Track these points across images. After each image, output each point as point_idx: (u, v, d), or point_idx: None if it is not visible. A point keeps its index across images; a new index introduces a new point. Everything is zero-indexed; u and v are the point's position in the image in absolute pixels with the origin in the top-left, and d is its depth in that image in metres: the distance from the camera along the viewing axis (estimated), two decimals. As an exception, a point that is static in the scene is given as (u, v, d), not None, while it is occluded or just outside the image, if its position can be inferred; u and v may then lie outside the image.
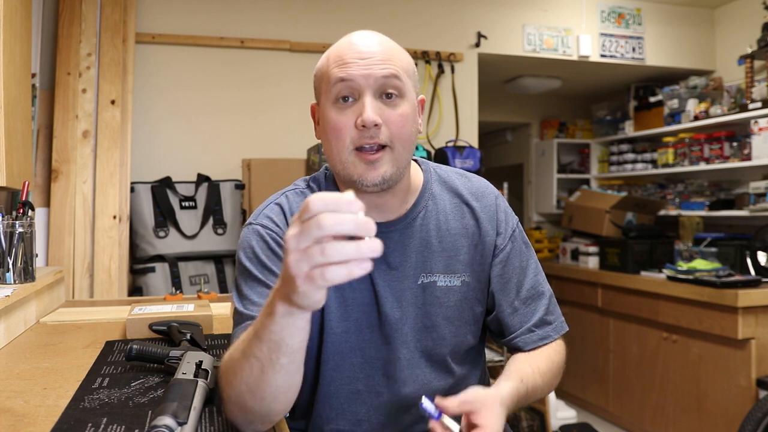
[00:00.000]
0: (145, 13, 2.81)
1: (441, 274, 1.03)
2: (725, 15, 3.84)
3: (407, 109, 0.95)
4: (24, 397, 0.97)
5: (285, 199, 1.04)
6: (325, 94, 0.96)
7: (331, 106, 0.94)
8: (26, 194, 1.60)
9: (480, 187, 1.10)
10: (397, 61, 0.94)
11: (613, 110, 4.49)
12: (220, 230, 2.62)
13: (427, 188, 1.06)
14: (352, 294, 1.01)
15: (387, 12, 3.21)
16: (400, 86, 0.94)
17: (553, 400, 3.04)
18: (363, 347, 1.01)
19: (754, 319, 2.65)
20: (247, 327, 0.91)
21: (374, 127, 0.91)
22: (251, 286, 0.96)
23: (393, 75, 0.93)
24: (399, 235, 1.02)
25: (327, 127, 0.95)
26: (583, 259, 3.80)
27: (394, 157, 0.94)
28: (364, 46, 0.94)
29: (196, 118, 2.89)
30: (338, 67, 0.93)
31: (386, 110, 0.93)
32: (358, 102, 0.93)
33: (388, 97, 0.93)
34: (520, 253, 1.08)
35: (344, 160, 0.94)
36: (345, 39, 0.97)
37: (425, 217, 1.04)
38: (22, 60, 1.85)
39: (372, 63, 0.92)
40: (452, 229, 1.04)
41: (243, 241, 1.00)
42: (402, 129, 0.94)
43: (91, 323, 1.60)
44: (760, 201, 3.18)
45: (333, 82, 0.93)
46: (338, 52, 0.95)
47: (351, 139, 0.93)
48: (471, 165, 2.96)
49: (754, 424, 2.39)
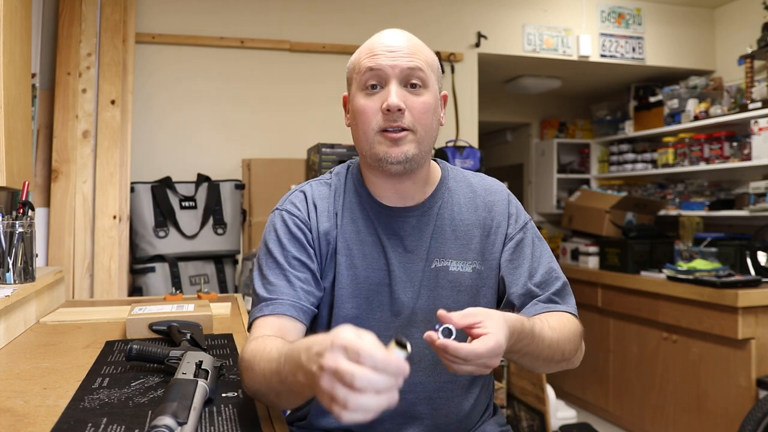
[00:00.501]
0: (145, 13, 2.81)
1: (453, 260, 1.08)
2: (725, 15, 3.84)
3: (429, 98, 1.03)
4: (24, 397, 0.97)
5: (309, 188, 1.11)
6: (355, 83, 1.05)
7: (360, 92, 1.03)
8: (26, 194, 1.60)
9: (494, 185, 1.17)
10: (422, 56, 1.03)
11: (613, 110, 4.49)
12: (220, 230, 2.62)
13: (444, 182, 1.13)
14: (365, 273, 1.06)
15: (387, 12, 3.21)
16: (424, 77, 1.02)
17: (553, 400, 3.04)
18: (372, 325, 1.05)
19: (754, 319, 2.65)
20: (262, 309, 0.99)
21: (398, 111, 0.99)
22: (270, 267, 1.04)
23: (418, 67, 1.01)
24: (416, 221, 1.09)
25: (355, 112, 1.04)
26: (583, 259, 3.80)
27: (416, 139, 1.02)
28: (392, 40, 1.03)
29: (196, 118, 2.89)
30: (368, 58, 1.02)
31: (410, 97, 1.01)
32: (385, 89, 1.01)
33: (412, 86, 1.02)
34: (533, 244, 1.12)
35: (370, 140, 1.02)
36: (376, 35, 1.06)
37: (441, 207, 1.11)
38: (22, 60, 1.85)
39: (399, 55, 1.01)
40: (466, 219, 1.11)
41: (268, 225, 1.09)
42: (423, 115, 1.02)
43: (91, 323, 1.60)
44: (760, 201, 3.18)
45: (363, 71, 1.02)
46: (369, 46, 1.05)
47: (377, 122, 1.01)
48: (471, 165, 2.96)
49: (754, 424, 2.39)
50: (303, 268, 1.03)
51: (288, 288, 1.01)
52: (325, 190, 1.11)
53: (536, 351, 0.95)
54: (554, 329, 0.98)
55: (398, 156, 1.00)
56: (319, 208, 1.08)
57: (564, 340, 1.00)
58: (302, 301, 1.01)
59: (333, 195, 1.10)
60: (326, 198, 1.10)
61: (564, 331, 1.01)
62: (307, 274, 1.03)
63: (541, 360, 0.98)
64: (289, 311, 0.99)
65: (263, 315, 0.99)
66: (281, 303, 0.99)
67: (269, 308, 0.99)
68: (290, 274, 1.02)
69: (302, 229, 1.06)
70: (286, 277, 1.02)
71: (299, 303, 1.00)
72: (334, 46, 3.06)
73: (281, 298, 0.99)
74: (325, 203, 1.09)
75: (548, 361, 0.99)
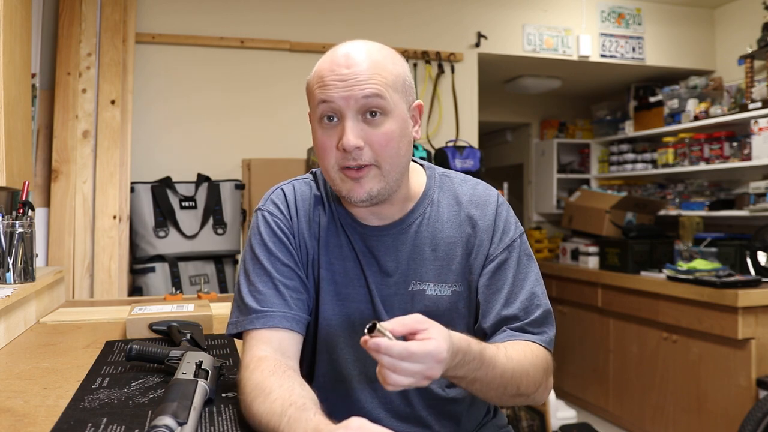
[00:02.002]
0: (145, 13, 2.81)
1: (431, 283, 1.02)
2: (725, 15, 3.84)
3: (392, 126, 0.93)
4: (24, 397, 0.97)
5: (291, 187, 1.07)
6: (313, 111, 0.97)
7: (317, 124, 0.96)
8: (26, 194, 1.60)
9: (483, 195, 1.06)
10: (381, 78, 0.92)
11: (613, 110, 4.49)
12: (220, 230, 2.62)
13: (427, 195, 1.05)
14: (346, 290, 1.03)
15: (387, 12, 3.21)
16: (383, 104, 0.92)
17: (553, 400, 3.04)
18: (355, 344, 1.02)
19: (754, 319, 2.65)
20: (254, 322, 0.95)
21: (356, 149, 0.91)
22: (258, 273, 1.00)
23: (375, 94, 0.91)
24: (392, 240, 1.02)
25: (315, 144, 0.98)
26: (583, 259, 3.80)
27: (381, 173, 0.94)
28: (344, 66, 0.92)
29: (196, 118, 2.89)
30: (319, 89, 0.93)
31: (369, 130, 0.92)
32: (341, 123, 0.93)
33: (372, 115, 0.92)
34: (517, 265, 1.02)
35: (333, 176, 0.96)
36: (329, 55, 0.96)
37: (421, 224, 1.03)
38: (22, 60, 1.85)
39: (351, 84, 0.91)
40: (448, 237, 1.03)
41: (252, 226, 1.05)
42: (386, 148, 0.93)
43: (91, 323, 1.60)
44: (760, 201, 3.18)
45: (316, 102, 0.94)
46: (320, 72, 0.94)
47: (336, 160, 0.94)
48: (471, 165, 2.96)
49: (754, 424, 2.39)
50: (291, 275, 1.00)
51: (278, 297, 0.97)
52: (307, 191, 1.06)
53: (485, 379, 0.87)
54: (511, 359, 0.90)
55: (361, 195, 0.94)
56: (300, 213, 1.04)
57: (521, 372, 0.91)
58: (294, 311, 0.97)
59: (314, 202, 1.05)
60: (307, 201, 1.05)
61: (523, 363, 0.92)
62: (296, 281, 1.00)
63: (492, 390, 0.90)
64: (282, 323, 0.95)
65: (255, 328, 0.95)
66: (273, 315, 0.95)
67: (261, 321, 0.95)
68: (279, 282, 0.98)
69: (285, 233, 1.02)
70: (275, 286, 0.98)
71: (291, 313, 0.97)
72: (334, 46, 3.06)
73: (273, 310, 0.96)
74: (307, 207, 1.05)
75: (501, 394, 0.91)
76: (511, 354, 0.91)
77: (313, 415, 0.76)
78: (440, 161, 2.93)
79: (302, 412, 0.77)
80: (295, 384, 0.85)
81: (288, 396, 0.81)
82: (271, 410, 0.80)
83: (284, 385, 0.83)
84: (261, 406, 0.81)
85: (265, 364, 0.89)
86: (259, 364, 0.89)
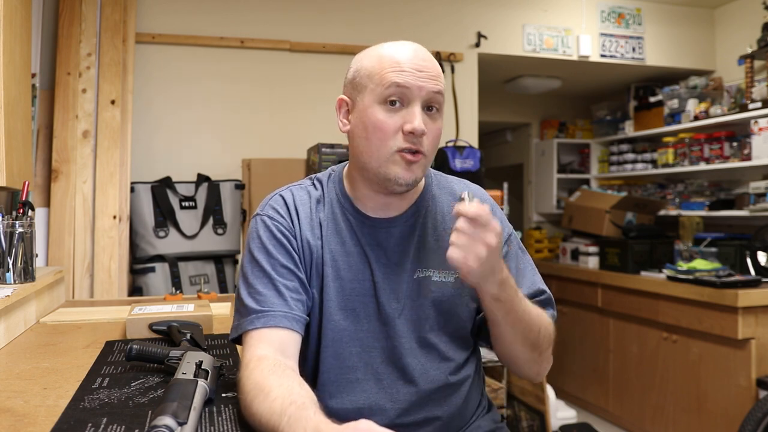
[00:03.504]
0: (145, 13, 2.81)
1: (436, 270, 1.07)
2: (725, 15, 3.84)
3: (441, 123, 1.03)
4: (24, 397, 0.97)
5: (290, 193, 1.09)
6: (371, 93, 1.00)
7: (378, 105, 0.99)
8: (26, 194, 1.60)
9: (477, 192, 1.15)
10: (442, 79, 1.02)
11: (613, 110, 4.49)
12: (220, 230, 2.62)
13: (428, 190, 1.12)
14: (351, 284, 1.05)
15: (387, 12, 3.21)
16: (441, 102, 1.02)
17: (553, 400, 3.04)
18: (361, 336, 1.05)
19: (754, 319, 2.65)
20: (253, 322, 0.96)
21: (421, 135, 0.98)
22: (257, 276, 1.01)
23: (440, 92, 1.00)
24: (399, 231, 1.07)
25: (369, 125, 1.00)
26: (583, 259, 3.80)
27: (426, 163, 1.02)
28: (420, 58, 1.00)
29: (196, 118, 2.89)
30: (395, 72, 0.98)
31: (429, 122, 1.00)
32: (406, 109, 0.99)
33: (429, 109, 1.00)
34: (516, 257, 1.12)
35: (384, 158, 0.99)
36: (397, 46, 1.02)
37: (425, 216, 1.09)
38: (22, 60, 1.85)
39: (426, 77, 0.98)
40: (449, 228, 1.07)
41: (251, 232, 1.07)
42: (436, 141, 1.02)
43: (91, 323, 1.60)
44: (760, 201, 3.18)
45: (386, 85, 0.98)
46: (394, 58, 0.99)
47: (395, 142, 0.99)
48: (471, 165, 2.95)
49: (754, 424, 2.39)
50: (291, 276, 1.01)
51: (278, 298, 0.99)
52: (305, 196, 1.09)
53: (516, 314, 0.98)
54: (534, 307, 1.03)
55: (408, 179, 1.00)
56: (301, 215, 1.06)
57: (540, 321, 1.03)
58: (294, 311, 0.99)
59: (315, 203, 1.08)
60: (307, 204, 1.07)
61: (542, 315, 1.04)
62: (296, 282, 1.01)
63: (518, 331, 1.01)
64: (282, 323, 0.96)
65: (255, 328, 0.96)
66: (273, 315, 0.97)
67: (261, 321, 0.96)
68: (279, 283, 1.00)
69: (286, 235, 1.04)
70: (275, 287, 0.99)
71: (291, 313, 0.98)
72: (334, 46, 3.06)
73: (273, 310, 0.97)
74: (307, 210, 1.07)
75: (524, 338, 1.01)
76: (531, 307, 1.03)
77: (313, 414, 0.77)
78: (440, 161, 2.93)
79: (302, 411, 0.77)
80: (295, 383, 0.85)
81: (288, 395, 0.81)
82: (270, 409, 0.80)
83: (284, 385, 0.84)
84: (261, 406, 0.82)
85: (264, 364, 0.89)
86: (258, 364, 0.90)
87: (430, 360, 1.07)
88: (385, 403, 1.04)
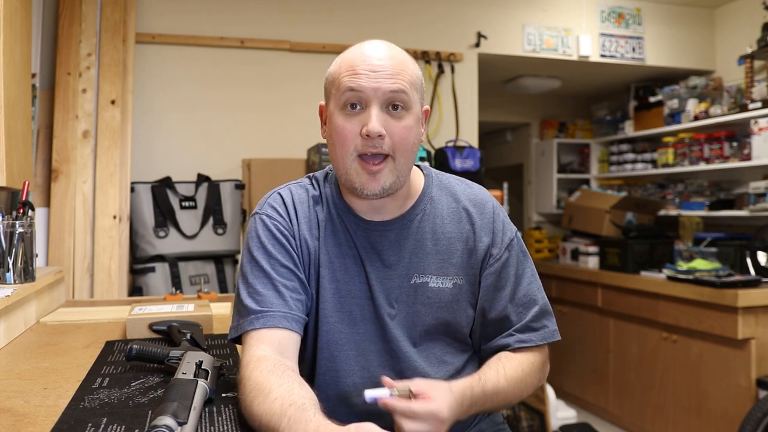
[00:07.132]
0: (145, 13, 2.81)
1: (433, 276, 1.06)
2: (725, 15, 3.84)
3: (410, 121, 0.99)
4: (24, 397, 0.97)
5: (288, 191, 1.08)
6: (334, 99, 1.00)
7: (338, 111, 0.99)
8: (26, 194, 1.60)
9: (480, 195, 1.12)
10: (406, 76, 0.98)
11: (613, 110, 4.49)
12: (220, 230, 2.62)
13: (426, 192, 1.09)
14: (347, 287, 1.04)
15: (387, 12, 3.21)
16: (406, 100, 0.98)
17: (553, 400, 3.04)
18: (357, 340, 1.04)
19: (754, 319, 2.65)
20: (253, 322, 0.96)
21: (378, 137, 0.96)
22: (257, 275, 1.00)
23: (400, 90, 0.97)
24: (395, 235, 1.06)
25: (333, 132, 1.00)
26: (583, 259, 3.80)
27: (395, 167, 0.99)
28: (376, 58, 0.97)
29: (196, 118, 2.89)
30: (349, 77, 0.97)
31: (391, 122, 0.97)
32: (365, 111, 0.97)
33: (394, 108, 0.98)
34: (517, 262, 1.09)
35: (347, 166, 0.99)
36: (358, 47, 1.01)
37: (422, 219, 1.07)
38: (22, 60, 1.85)
39: (382, 76, 0.96)
40: (448, 232, 1.07)
41: (250, 230, 1.06)
42: (404, 140, 0.98)
43: (91, 323, 1.60)
44: (760, 201, 3.18)
45: (343, 90, 0.97)
46: (350, 62, 0.98)
47: (355, 147, 0.97)
48: (471, 165, 2.95)
49: (754, 424, 2.39)
50: (291, 276, 1.01)
51: (277, 298, 0.98)
52: (304, 195, 1.08)
53: (494, 406, 1.02)
54: (510, 379, 1.01)
55: (374, 189, 0.98)
56: (300, 214, 1.05)
57: (522, 386, 1.04)
58: (294, 311, 0.98)
59: (313, 203, 1.07)
60: (305, 203, 1.07)
61: (523, 378, 1.04)
62: (295, 282, 1.01)
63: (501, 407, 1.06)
64: (282, 323, 0.96)
65: (255, 328, 0.96)
66: (273, 315, 0.96)
67: (261, 321, 0.96)
68: (278, 283, 0.99)
69: (285, 234, 1.03)
70: (274, 287, 0.99)
71: (291, 313, 0.98)
72: (334, 46, 3.06)
73: (272, 310, 0.97)
74: (306, 209, 1.06)
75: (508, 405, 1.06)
76: (510, 374, 1.02)
77: (313, 415, 0.77)
78: (440, 161, 2.93)
79: (302, 413, 0.77)
80: (295, 384, 0.85)
81: (288, 396, 0.81)
82: (270, 410, 0.80)
83: (284, 385, 0.84)
84: (261, 406, 0.82)
85: (264, 364, 0.89)
86: (258, 364, 0.89)
87: (429, 364, 1.06)
88: (383, 408, 1.04)
